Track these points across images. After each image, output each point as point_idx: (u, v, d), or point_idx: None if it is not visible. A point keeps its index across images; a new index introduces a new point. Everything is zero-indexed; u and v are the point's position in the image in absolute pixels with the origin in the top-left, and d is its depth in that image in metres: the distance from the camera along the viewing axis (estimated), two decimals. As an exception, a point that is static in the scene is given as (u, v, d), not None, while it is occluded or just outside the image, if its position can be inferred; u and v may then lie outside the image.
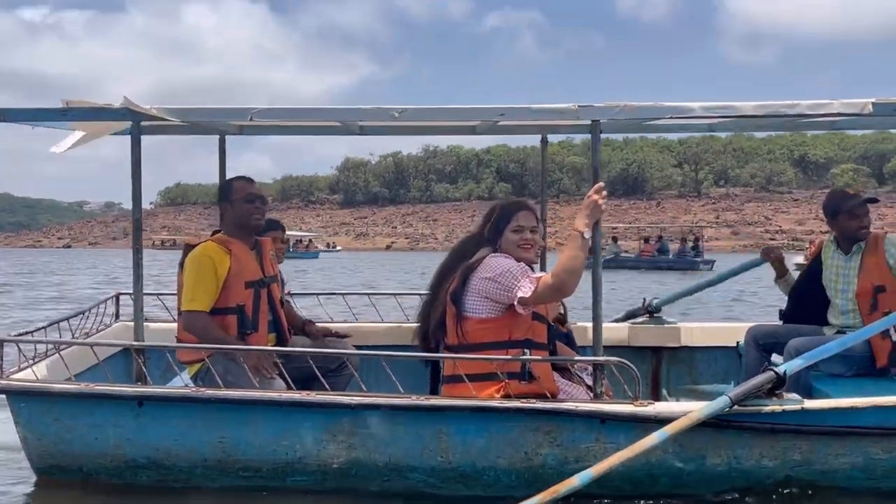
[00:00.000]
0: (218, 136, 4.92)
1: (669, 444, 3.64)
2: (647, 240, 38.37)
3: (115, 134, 4.23)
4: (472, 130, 5.09)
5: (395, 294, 5.64)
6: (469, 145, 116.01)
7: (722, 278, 5.77)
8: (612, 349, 5.42)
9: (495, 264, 3.65)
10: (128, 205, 4.12)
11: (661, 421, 3.56)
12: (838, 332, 4.51)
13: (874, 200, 4.74)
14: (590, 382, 3.90)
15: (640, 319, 5.56)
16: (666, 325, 5.47)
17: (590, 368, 3.91)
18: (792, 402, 3.65)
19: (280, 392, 3.78)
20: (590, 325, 5.34)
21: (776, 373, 3.62)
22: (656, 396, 5.22)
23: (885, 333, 4.28)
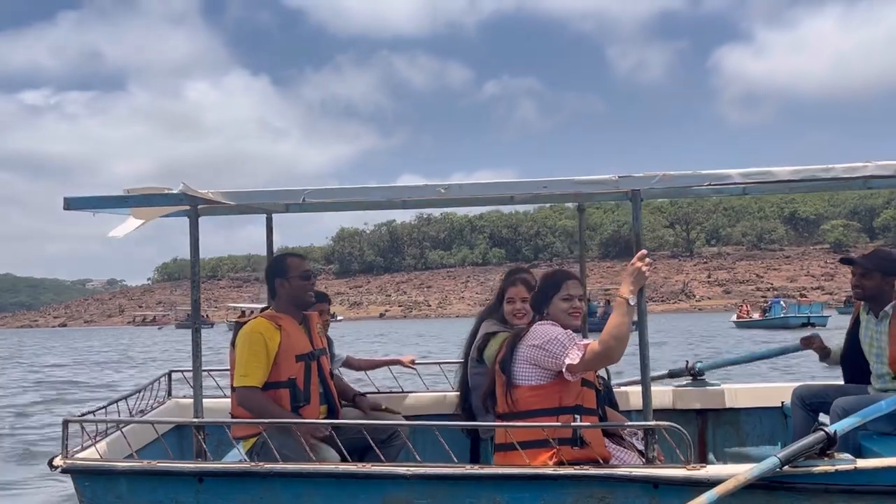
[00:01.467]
0: (265, 216, 5.11)
1: (722, 506, 3.66)
2: (608, 301, 40.50)
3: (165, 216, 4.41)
4: (510, 200, 5.23)
5: (440, 363, 5.74)
6: (462, 212, 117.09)
7: (766, 356, 5.87)
8: (657, 412, 5.46)
9: (543, 332, 3.74)
10: (129, 281, 4.30)
11: (713, 484, 3.59)
12: (882, 392, 4.53)
13: (849, 261, 4.79)
14: (640, 447, 3.94)
15: (683, 381, 5.60)
16: (709, 388, 5.50)
17: (640, 433, 3.95)
18: (845, 461, 3.67)
19: (336, 464, 3.85)
20: (630, 388, 5.43)
21: (826, 433, 3.65)
22: (703, 459, 5.22)
23: None
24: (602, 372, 4.94)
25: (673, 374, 5.66)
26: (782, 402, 5.18)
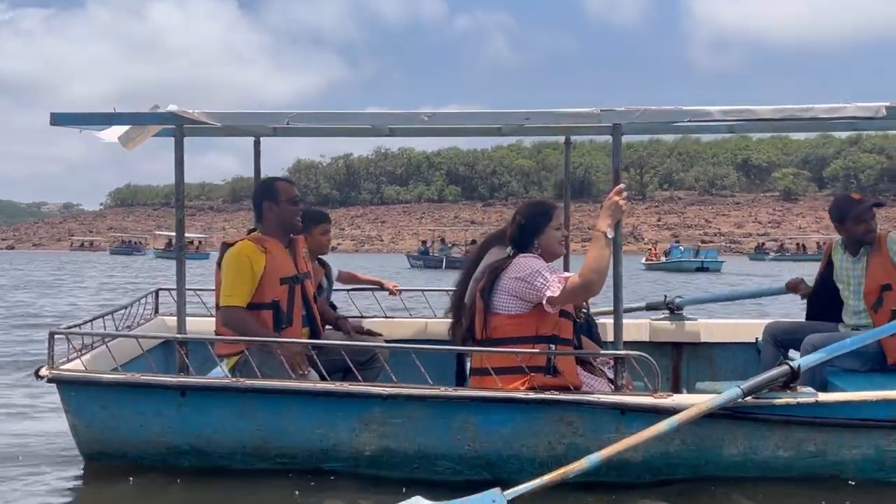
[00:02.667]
0: (252, 139, 5.14)
1: (688, 434, 3.81)
2: (473, 241, 43.01)
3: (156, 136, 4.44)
4: (497, 132, 5.26)
5: (424, 290, 5.84)
6: (420, 147, 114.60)
7: (747, 295, 5.95)
8: (633, 344, 5.57)
9: (526, 264, 3.82)
10: (86, 205, 4.33)
11: (678, 412, 3.72)
12: (853, 330, 4.64)
13: (880, 204, 4.84)
14: (612, 376, 4.06)
15: (660, 315, 5.71)
16: (686, 322, 5.61)
17: (612, 362, 4.07)
18: (806, 394, 3.80)
19: (315, 383, 3.97)
20: (607, 320, 5.55)
21: (790, 366, 3.77)
22: (677, 391, 5.35)
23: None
24: (584, 306, 5.05)
25: (650, 307, 5.77)
26: (756, 338, 5.30)
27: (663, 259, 44.84)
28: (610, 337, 5.25)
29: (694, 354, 5.59)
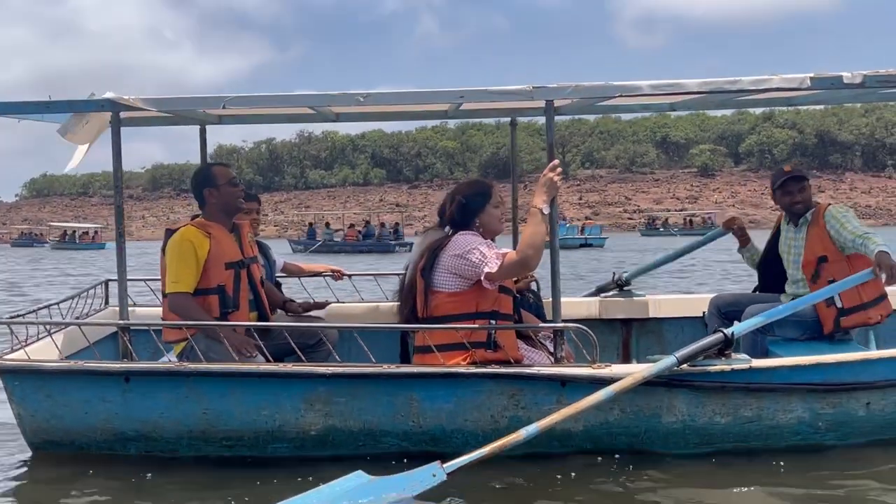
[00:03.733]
0: (198, 127, 5.15)
1: (627, 403, 3.88)
2: (352, 226, 44.14)
3: None
4: (444, 115, 5.31)
5: (375, 274, 5.87)
6: (344, 131, 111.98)
7: (687, 250, 5.97)
8: (584, 321, 5.65)
9: (465, 241, 3.87)
10: (4, 196, 4.23)
11: (616, 381, 3.79)
12: (792, 300, 4.74)
13: (803, 178, 4.95)
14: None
15: (610, 293, 5.79)
16: (635, 298, 5.70)
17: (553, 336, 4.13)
18: (740, 361, 3.88)
19: (258, 364, 4.00)
20: (575, 298, 5.64)
21: (724, 334, 3.86)
22: None
23: (830, 301, 4.52)
24: (533, 285, 5.13)
25: (601, 290, 5.84)
26: (703, 312, 5.38)
27: None
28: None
29: (643, 329, 5.68)
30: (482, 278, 3.81)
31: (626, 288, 5.75)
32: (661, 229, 63.84)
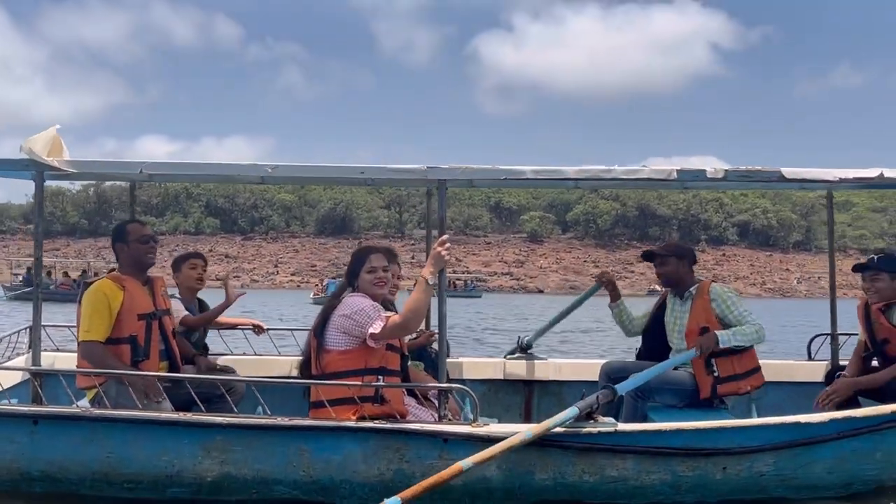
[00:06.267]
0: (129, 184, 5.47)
1: (503, 461, 4.17)
2: (66, 273, 45.64)
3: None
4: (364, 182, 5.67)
5: (292, 329, 6.18)
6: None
7: (573, 308, 6.26)
8: (489, 382, 6.03)
9: (352, 303, 4.20)
10: None
11: (493, 440, 4.11)
12: (674, 369, 5.12)
13: (648, 256, 5.49)
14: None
15: (515, 356, 6.14)
16: (536, 362, 6.05)
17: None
18: (606, 424, 4.22)
19: (160, 412, 4.26)
20: (464, 359, 5.96)
21: (613, 389, 4.26)
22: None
23: (710, 369, 4.92)
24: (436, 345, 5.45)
25: (508, 354, 6.18)
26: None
27: (321, 295, 48.57)
28: (464, 375, 5.69)
29: (544, 391, 6.02)
30: (367, 338, 4.12)
31: (529, 351, 6.11)
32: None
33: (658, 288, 5.38)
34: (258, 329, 5.85)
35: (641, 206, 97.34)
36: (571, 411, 4.13)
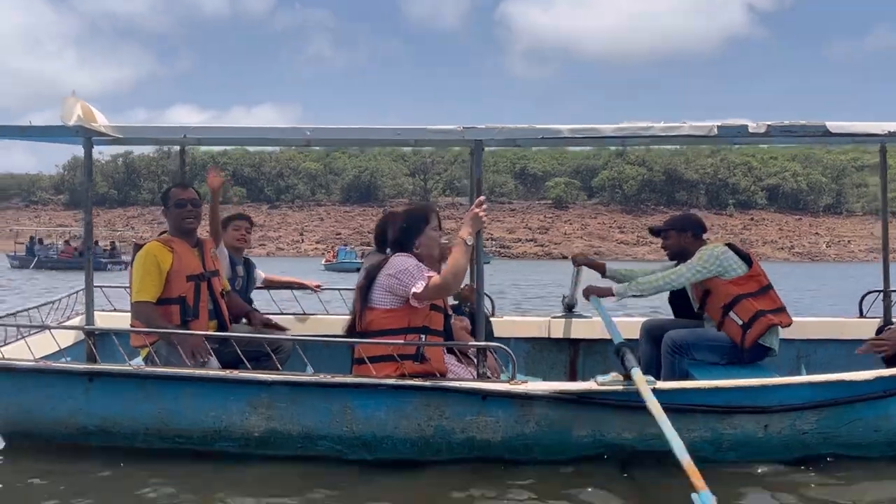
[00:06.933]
0: (179, 147, 5.62)
1: (541, 417, 4.23)
2: (68, 242, 45.03)
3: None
4: (401, 143, 5.71)
5: (339, 290, 6.30)
6: (205, 147, 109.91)
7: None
8: (534, 340, 6.07)
9: (397, 262, 4.26)
10: None
11: (531, 397, 4.17)
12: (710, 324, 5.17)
13: (654, 231, 5.58)
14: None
15: (559, 314, 6.17)
16: (581, 320, 6.07)
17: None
18: (647, 382, 4.23)
19: (208, 370, 4.40)
20: (527, 318, 6.04)
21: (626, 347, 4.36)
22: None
23: (745, 327, 4.91)
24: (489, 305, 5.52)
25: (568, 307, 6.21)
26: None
27: (334, 260, 49.15)
28: (504, 333, 5.75)
29: (589, 350, 6.05)
30: (410, 297, 4.19)
31: (574, 310, 6.13)
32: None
33: None
34: (316, 288, 6.05)
35: (668, 170, 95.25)
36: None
